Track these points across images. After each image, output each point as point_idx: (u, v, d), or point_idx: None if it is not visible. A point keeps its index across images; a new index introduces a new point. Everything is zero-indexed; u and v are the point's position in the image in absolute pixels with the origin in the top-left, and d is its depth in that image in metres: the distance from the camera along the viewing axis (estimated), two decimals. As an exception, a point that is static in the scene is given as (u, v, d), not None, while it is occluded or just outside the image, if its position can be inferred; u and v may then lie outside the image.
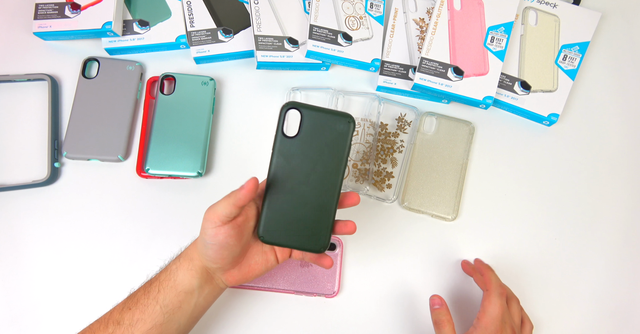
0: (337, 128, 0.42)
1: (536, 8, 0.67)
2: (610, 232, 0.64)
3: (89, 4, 0.62)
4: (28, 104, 0.63)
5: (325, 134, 0.43)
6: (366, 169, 0.62)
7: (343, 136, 0.42)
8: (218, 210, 0.42)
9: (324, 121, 0.42)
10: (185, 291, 0.45)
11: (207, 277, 0.46)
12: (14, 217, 0.60)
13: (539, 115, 0.65)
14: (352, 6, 0.65)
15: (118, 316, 0.44)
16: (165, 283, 0.45)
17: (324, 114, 0.42)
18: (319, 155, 0.43)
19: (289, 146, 0.43)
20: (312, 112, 0.42)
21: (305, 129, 0.42)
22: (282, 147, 0.43)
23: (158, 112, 0.61)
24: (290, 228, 0.44)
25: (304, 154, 0.43)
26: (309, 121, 0.42)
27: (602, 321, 0.61)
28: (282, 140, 0.43)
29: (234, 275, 0.47)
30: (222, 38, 0.64)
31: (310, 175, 0.43)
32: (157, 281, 0.46)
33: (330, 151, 0.43)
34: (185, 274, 0.45)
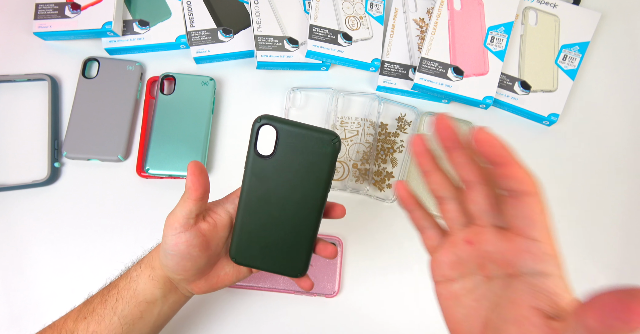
0: (319, 148, 0.37)
1: (536, 8, 0.67)
2: (610, 232, 0.64)
3: (89, 4, 0.62)
4: (28, 104, 0.63)
5: (305, 154, 0.37)
6: (366, 169, 0.62)
7: (326, 157, 0.37)
8: (177, 212, 0.38)
9: (304, 139, 0.36)
10: (146, 301, 0.41)
11: (171, 286, 0.42)
12: (14, 217, 0.59)
13: (539, 115, 0.65)
14: (352, 6, 0.65)
15: (72, 326, 0.41)
16: (124, 292, 0.41)
17: (305, 131, 0.36)
18: (298, 178, 0.38)
19: (263, 166, 0.37)
20: (291, 130, 0.36)
21: (281, 149, 0.37)
22: (255, 167, 0.38)
23: (158, 112, 0.61)
24: (265, 251, 0.40)
25: (280, 176, 0.38)
26: (286, 139, 0.36)
27: (602, 321, 0.61)
28: (255, 159, 0.37)
29: (200, 286, 0.43)
30: (222, 38, 0.64)
31: (287, 198, 0.38)
32: (115, 289, 0.42)
33: (311, 173, 0.38)
34: (146, 284, 0.41)
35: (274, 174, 0.38)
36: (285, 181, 0.38)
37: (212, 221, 0.40)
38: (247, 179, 0.38)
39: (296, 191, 0.38)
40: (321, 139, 0.36)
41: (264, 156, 0.37)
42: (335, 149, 0.37)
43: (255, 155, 0.37)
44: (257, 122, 0.36)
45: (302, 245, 0.40)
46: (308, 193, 0.38)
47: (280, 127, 0.36)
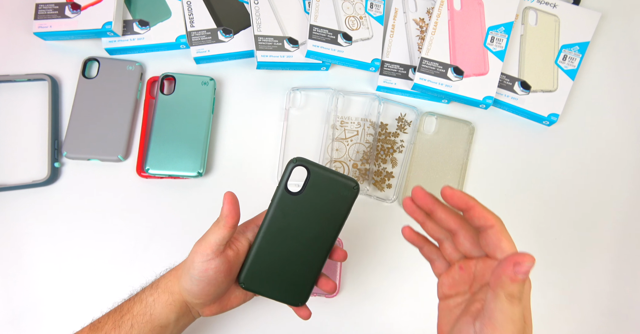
0: (341, 192, 0.41)
1: (536, 8, 0.67)
2: (610, 232, 0.64)
3: (89, 4, 0.62)
4: (28, 104, 0.63)
5: (329, 195, 0.41)
6: (366, 169, 0.62)
7: (346, 200, 0.41)
8: (210, 239, 0.40)
9: (330, 183, 0.41)
10: (161, 325, 0.42)
11: (186, 310, 0.44)
12: (14, 217, 0.59)
13: (539, 115, 0.65)
14: (352, 6, 0.65)
15: None
16: (140, 317, 0.41)
17: (332, 176, 0.41)
18: (318, 215, 0.42)
19: (289, 202, 0.41)
20: (321, 173, 0.41)
21: (310, 188, 0.41)
22: (282, 202, 0.41)
23: (158, 112, 0.61)
24: (273, 280, 0.43)
25: (303, 212, 0.42)
26: (315, 181, 0.41)
27: (602, 321, 0.61)
28: (284, 195, 0.41)
29: (213, 309, 0.44)
30: (222, 38, 0.64)
31: (304, 233, 0.42)
32: (129, 313, 0.42)
33: (330, 213, 0.42)
34: (163, 308, 0.42)
35: (297, 210, 0.41)
36: (306, 218, 0.42)
37: (236, 248, 0.42)
38: (271, 211, 0.42)
39: (314, 227, 0.42)
40: (345, 184, 0.41)
41: (293, 193, 0.41)
42: (354, 194, 0.41)
43: (285, 191, 0.41)
44: (292, 162, 0.40)
45: (308, 278, 0.43)
46: (323, 231, 0.42)
47: (312, 169, 0.41)
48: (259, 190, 0.54)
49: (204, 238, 0.40)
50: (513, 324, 0.33)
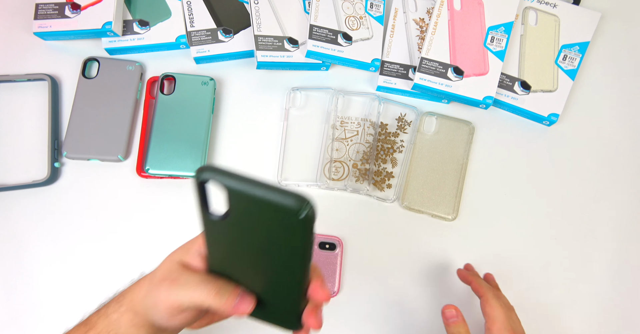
0: (283, 220, 0.26)
1: (536, 8, 0.67)
2: (610, 232, 0.64)
3: (89, 4, 0.62)
4: (28, 104, 0.63)
5: (266, 224, 0.27)
6: (366, 169, 0.62)
7: (294, 230, 0.26)
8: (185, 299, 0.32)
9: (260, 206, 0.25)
10: None
11: (156, 330, 0.37)
12: (14, 217, 0.59)
13: (539, 115, 0.65)
14: (352, 6, 0.65)
15: None
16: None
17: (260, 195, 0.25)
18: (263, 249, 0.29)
19: (219, 229, 0.30)
20: (240, 191, 0.25)
21: (235, 212, 0.27)
22: (209, 229, 0.30)
23: (158, 112, 0.61)
24: (261, 306, 0.34)
25: (242, 243, 0.30)
26: (238, 203, 0.27)
27: (602, 321, 0.61)
28: (207, 221, 0.29)
29: (194, 326, 0.40)
30: (222, 38, 0.64)
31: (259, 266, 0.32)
32: (93, 330, 0.37)
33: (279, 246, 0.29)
34: (129, 329, 0.36)
35: (235, 240, 0.30)
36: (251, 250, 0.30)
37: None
38: (205, 243, 0.32)
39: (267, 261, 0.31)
40: (283, 209, 0.25)
41: (216, 217, 0.28)
42: (306, 221, 0.25)
43: (206, 215, 0.29)
44: (197, 176, 0.26)
45: (291, 307, 0.34)
46: (283, 265, 0.30)
47: (227, 184, 0.26)
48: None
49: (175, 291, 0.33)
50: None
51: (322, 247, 0.59)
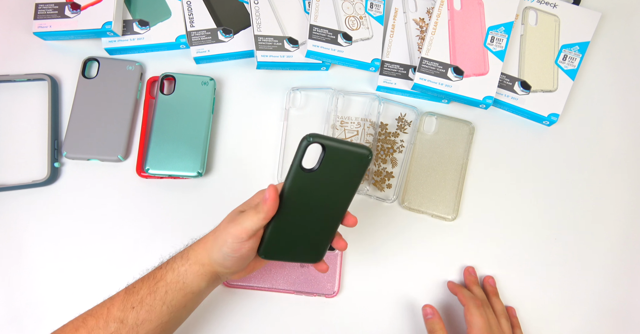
0: (355, 162, 0.41)
1: (536, 8, 0.67)
2: (610, 232, 0.64)
3: (89, 4, 0.62)
4: (28, 104, 0.63)
5: (344, 167, 0.41)
6: (366, 169, 0.63)
7: (361, 168, 0.42)
8: (247, 226, 0.42)
9: (345, 155, 0.41)
10: (193, 292, 0.45)
11: (215, 278, 0.47)
12: (14, 217, 0.59)
13: (539, 115, 0.65)
14: (352, 6, 0.65)
15: (120, 314, 0.43)
16: (173, 285, 0.45)
17: (347, 148, 0.40)
18: (333, 187, 0.42)
19: (305, 179, 0.41)
20: (336, 148, 0.40)
21: (325, 164, 0.41)
22: (296, 180, 0.41)
23: (158, 112, 0.61)
24: (290, 248, 0.46)
25: (319, 187, 0.42)
26: (330, 156, 0.40)
27: (602, 321, 0.61)
28: (299, 173, 0.41)
29: (241, 274, 0.49)
30: (222, 38, 0.64)
31: (319, 204, 0.43)
32: (163, 281, 0.45)
33: (345, 182, 0.42)
34: (195, 278, 0.45)
35: (313, 186, 0.42)
36: (321, 191, 0.42)
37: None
38: (287, 189, 0.42)
39: (328, 198, 0.43)
40: (359, 154, 0.41)
41: (308, 170, 0.41)
42: (368, 162, 0.41)
43: (300, 169, 0.40)
44: (306, 139, 0.39)
45: (324, 239, 0.46)
46: (339, 199, 0.43)
47: (328, 145, 0.39)
48: (259, 190, 0.54)
49: (240, 222, 0.42)
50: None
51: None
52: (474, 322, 0.52)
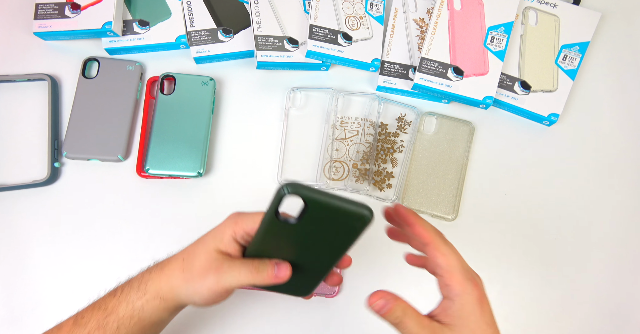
0: (349, 223, 0.33)
1: (536, 8, 0.67)
2: (610, 232, 0.64)
3: (89, 4, 0.62)
4: (28, 104, 0.63)
5: (332, 226, 0.34)
6: (366, 169, 0.62)
7: (356, 231, 0.34)
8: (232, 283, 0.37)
9: (335, 213, 0.32)
10: (152, 324, 0.41)
11: (181, 308, 0.42)
12: (14, 217, 0.59)
13: (539, 115, 0.65)
14: (352, 6, 0.65)
15: None
16: (127, 320, 0.39)
17: (338, 206, 0.31)
18: (318, 245, 0.36)
19: (281, 230, 0.34)
20: (323, 204, 0.31)
21: (308, 220, 0.33)
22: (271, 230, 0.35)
23: (158, 112, 0.61)
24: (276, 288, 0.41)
25: (300, 241, 0.36)
26: (315, 212, 0.32)
27: (602, 321, 0.61)
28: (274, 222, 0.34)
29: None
30: (222, 38, 0.64)
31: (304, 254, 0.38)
32: (114, 315, 0.39)
33: (333, 243, 0.35)
34: (154, 312, 0.40)
35: (294, 239, 0.36)
36: (304, 246, 0.36)
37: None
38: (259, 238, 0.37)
39: (315, 252, 0.37)
40: (355, 214, 0.32)
41: (285, 222, 0.33)
42: (367, 225, 0.33)
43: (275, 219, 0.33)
44: (283, 191, 0.31)
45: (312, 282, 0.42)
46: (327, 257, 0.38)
47: (311, 200, 0.31)
48: (259, 190, 0.54)
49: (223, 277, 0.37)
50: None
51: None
52: (452, 265, 0.37)
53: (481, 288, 0.38)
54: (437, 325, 0.37)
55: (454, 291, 0.36)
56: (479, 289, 0.37)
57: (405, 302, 0.39)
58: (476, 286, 0.37)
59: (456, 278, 0.37)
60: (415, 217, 0.40)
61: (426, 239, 0.38)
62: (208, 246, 0.39)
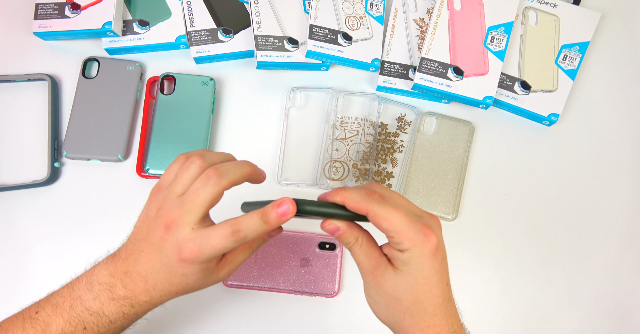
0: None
1: (536, 8, 0.67)
2: (610, 232, 0.64)
3: (89, 4, 0.62)
4: (28, 104, 0.63)
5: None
6: (366, 169, 0.62)
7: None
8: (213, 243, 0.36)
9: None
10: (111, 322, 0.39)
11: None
12: (14, 217, 0.59)
13: (539, 115, 0.65)
14: (352, 6, 0.65)
15: None
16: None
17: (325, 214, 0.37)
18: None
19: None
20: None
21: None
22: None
23: (158, 112, 0.61)
24: None
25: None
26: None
27: (602, 321, 0.61)
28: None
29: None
30: (222, 38, 0.64)
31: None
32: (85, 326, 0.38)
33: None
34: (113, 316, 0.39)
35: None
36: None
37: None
38: None
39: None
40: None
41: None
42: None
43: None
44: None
45: None
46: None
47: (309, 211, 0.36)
48: (258, 190, 0.54)
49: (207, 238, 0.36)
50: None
51: (322, 247, 0.59)
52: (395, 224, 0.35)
53: (434, 236, 0.36)
54: (384, 262, 0.38)
55: (404, 247, 0.36)
56: (431, 238, 0.35)
57: (360, 231, 0.38)
58: (428, 237, 0.35)
59: (405, 236, 0.35)
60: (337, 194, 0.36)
61: (362, 210, 0.36)
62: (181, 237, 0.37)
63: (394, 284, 0.37)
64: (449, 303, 0.38)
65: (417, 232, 0.35)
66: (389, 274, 0.37)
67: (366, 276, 0.39)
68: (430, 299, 0.36)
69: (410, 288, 0.36)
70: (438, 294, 0.37)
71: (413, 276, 0.36)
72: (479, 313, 0.60)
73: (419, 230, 0.35)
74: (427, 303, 0.36)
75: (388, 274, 0.37)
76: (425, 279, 0.36)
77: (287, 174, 0.62)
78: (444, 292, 0.37)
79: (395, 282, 0.37)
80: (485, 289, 0.61)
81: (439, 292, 0.37)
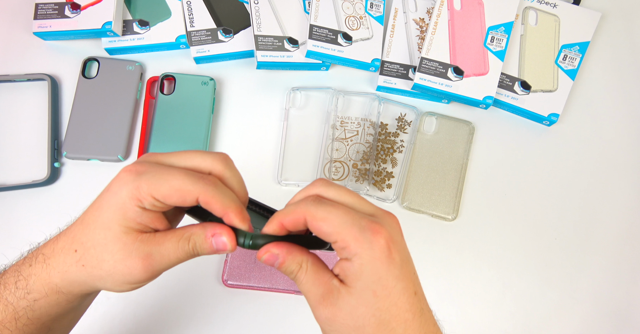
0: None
1: (536, 8, 0.67)
2: (610, 232, 0.64)
3: (89, 4, 0.62)
4: (28, 104, 0.63)
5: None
6: (366, 169, 0.62)
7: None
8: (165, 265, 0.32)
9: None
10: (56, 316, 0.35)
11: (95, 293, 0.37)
12: (14, 217, 0.59)
13: (539, 115, 0.65)
14: (352, 6, 0.65)
15: None
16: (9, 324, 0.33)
17: None
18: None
19: None
20: None
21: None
22: None
23: (158, 112, 0.61)
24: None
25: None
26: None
27: (602, 321, 0.61)
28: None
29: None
30: (222, 38, 0.64)
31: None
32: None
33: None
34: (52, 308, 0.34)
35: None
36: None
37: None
38: None
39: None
40: None
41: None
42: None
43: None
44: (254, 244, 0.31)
45: None
46: None
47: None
48: (258, 190, 0.53)
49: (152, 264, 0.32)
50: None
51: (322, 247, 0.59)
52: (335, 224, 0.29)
53: (383, 232, 0.29)
54: (336, 285, 0.30)
55: (351, 252, 0.29)
56: (380, 236, 0.29)
57: (303, 255, 0.31)
58: (376, 235, 0.29)
59: (349, 235, 0.29)
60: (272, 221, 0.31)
61: (300, 220, 0.30)
62: (114, 231, 0.32)
63: (350, 309, 0.29)
64: (421, 317, 0.30)
65: (362, 230, 0.29)
66: (342, 299, 0.29)
67: (316, 310, 0.30)
68: (397, 317, 0.29)
69: (371, 307, 0.29)
70: (406, 308, 0.30)
71: (370, 290, 0.29)
72: (479, 313, 0.60)
73: (365, 227, 0.29)
74: (395, 323, 0.29)
75: (341, 298, 0.29)
76: (386, 290, 0.29)
77: (287, 174, 0.62)
78: (413, 304, 0.30)
79: (351, 306, 0.29)
80: (486, 289, 0.61)
81: (406, 305, 0.30)
